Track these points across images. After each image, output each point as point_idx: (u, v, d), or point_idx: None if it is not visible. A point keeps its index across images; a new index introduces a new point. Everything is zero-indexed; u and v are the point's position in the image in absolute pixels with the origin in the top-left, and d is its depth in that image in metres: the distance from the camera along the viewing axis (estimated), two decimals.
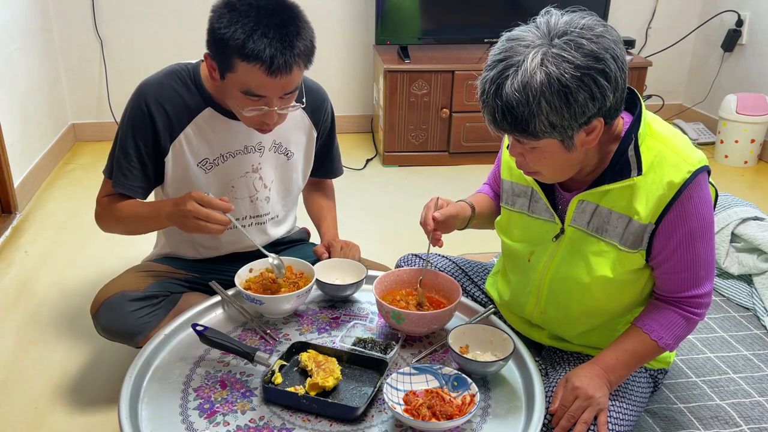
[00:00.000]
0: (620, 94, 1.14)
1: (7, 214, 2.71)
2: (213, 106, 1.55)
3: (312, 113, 1.69)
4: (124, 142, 1.54)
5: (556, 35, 1.10)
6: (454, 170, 3.43)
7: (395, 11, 3.37)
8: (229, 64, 1.36)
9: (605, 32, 1.11)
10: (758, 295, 2.02)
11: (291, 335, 1.43)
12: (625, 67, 1.14)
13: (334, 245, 1.71)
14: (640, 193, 1.23)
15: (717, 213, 2.21)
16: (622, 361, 1.30)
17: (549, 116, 1.10)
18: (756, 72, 3.62)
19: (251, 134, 1.59)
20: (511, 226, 1.46)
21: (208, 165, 1.59)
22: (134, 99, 1.54)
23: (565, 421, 1.26)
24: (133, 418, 1.17)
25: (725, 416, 1.55)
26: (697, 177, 1.20)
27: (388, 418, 1.19)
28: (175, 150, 1.56)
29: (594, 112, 1.12)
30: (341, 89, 3.79)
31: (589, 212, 1.30)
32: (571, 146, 1.17)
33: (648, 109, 1.28)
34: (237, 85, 1.38)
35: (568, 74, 1.07)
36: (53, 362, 1.91)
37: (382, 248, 2.29)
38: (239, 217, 1.67)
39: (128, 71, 3.58)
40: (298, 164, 1.73)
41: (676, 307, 1.30)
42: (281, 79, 1.35)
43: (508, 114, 1.11)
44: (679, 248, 1.24)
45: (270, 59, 1.32)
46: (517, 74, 1.09)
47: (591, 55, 1.08)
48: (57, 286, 2.29)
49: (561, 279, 1.36)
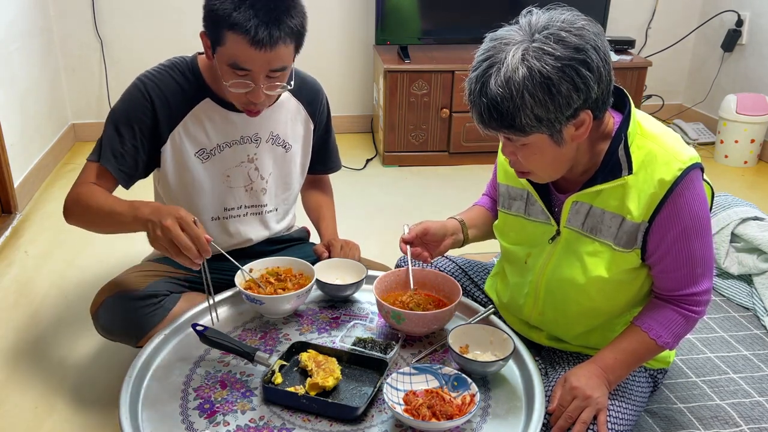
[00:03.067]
0: (605, 86, 1.15)
1: (7, 214, 2.71)
2: (211, 96, 1.56)
3: (308, 105, 1.71)
4: (119, 125, 1.53)
5: (537, 31, 1.12)
6: (454, 170, 3.43)
7: (395, 11, 3.37)
8: (219, 36, 1.39)
9: (586, 25, 1.13)
10: (758, 295, 2.02)
11: (291, 335, 1.43)
12: (609, 59, 1.15)
13: (333, 244, 1.71)
14: (632, 192, 1.23)
15: (717, 213, 2.21)
16: (621, 360, 1.30)
17: (534, 109, 1.11)
18: (756, 72, 3.62)
19: (248, 125, 1.60)
20: (507, 229, 1.47)
21: (205, 155, 1.60)
22: (134, 88, 1.55)
23: (562, 421, 1.26)
24: (133, 418, 1.17)
25: (725, 416, 1.55)
26: (688, 174, 1.21)
27: (388, 418, 1.19)
28: (174, 140, 1.57)
29: (579, 103, 1.13)
30: (341, 89, 3.79)
31: (583, 213, 1.30)
32: (561, 141, 1.18)
33: (648, 109, 1.29)
34: (225, 58, 1.41)
35: (549, 66, 1.09)
36: (53, 362, 1.91)
37: (382, 248, 2.29)
38: (234, 207, 1.68)
39: (128, 71, 3.55)
40: (296, 157, 1.73)
41: (675, 306, 1.30)
42: (265, 53, 1.37)
43: (494, 110, 1.13)
44: (674, 246, 1.24)
45: (254, 29, 1.34)
46: (500, 71, 1.11)
47: (571, 46, 1.10)
48: (57, 286, 2.29)
49: (557, 280, 1.36)
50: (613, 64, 1.18)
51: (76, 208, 1.51)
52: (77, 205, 1.50)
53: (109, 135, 1.54)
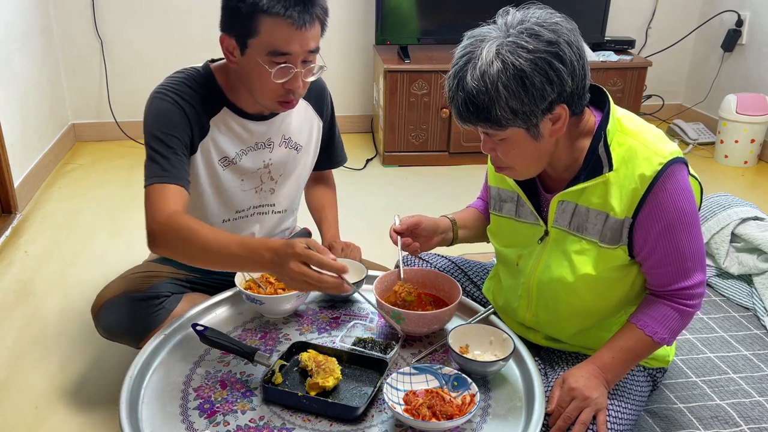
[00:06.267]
0: (579, 80, 1.18)
1: (7, 214, 2.72)
2: (227, 105, 1.55)
3: (316, 103, 1.71)
4: (165, 137, 1.45)
5: (512, 26, 1.16)
6: (454, 170, 3.43)
7: (395, 11, 3.37)
8: (251, 27, 1.37)
9: (560, 21, 1.18)
10: (758, 295, 2.02)
11: (291, 335, 1.43)
12: (583, 54, 1.18)
13: (335, 247, 1.71)
14: (614, 188, 1.24)
15: (717, 213, 2.21)
16: (618, 359, 1.30)
17: (508, 101, 1.14)
18: (756, 72, 3.62)
19: (262, 131, 1.60)
20: (499, 232, 1.49)
21: (227, 162, 1.59)
22: (160, 101, 1.48)
23: (561, 422, 1.26)
24: (133, 418, 1.17)
25: (725, 416, 1.55)
26: (669, 168, 1.21)
27: (388, 418, 1.19)
28: (203, 149, 1.55)
29: (554, 96, 1.16)
30: (341, 89, 3.79)
31: (570, 212, 1.31)
32: (538, 135, 1.20)
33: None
34: (262, 48, 1.39)
35: (522, 59, 1.13)
36: (53, 362, 1.91)
37: (382, 248, 2.28)
38: (245, 208, 1.68)
39: (128, 71, 3.58)
40: (306, 156, 1.74)
41: (669, 301, 1.30)
42: (306, 31, 1.37)
43: (470, 103, 1.17)
44: (661, 241, 1.24)
45: (291, 9, 1.35)
46: (476, 66, 1.15)
47: (544, 40, 1.14)
48: (57, 286, 2.29)
49: (547, 281, 1.37)
50: (588, 61, 1.21)
51: (175, 242, 1.35)
52: (177, 239, 1.34)
53: (158, 149, 1.44)
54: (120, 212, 2.83)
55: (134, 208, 2.87)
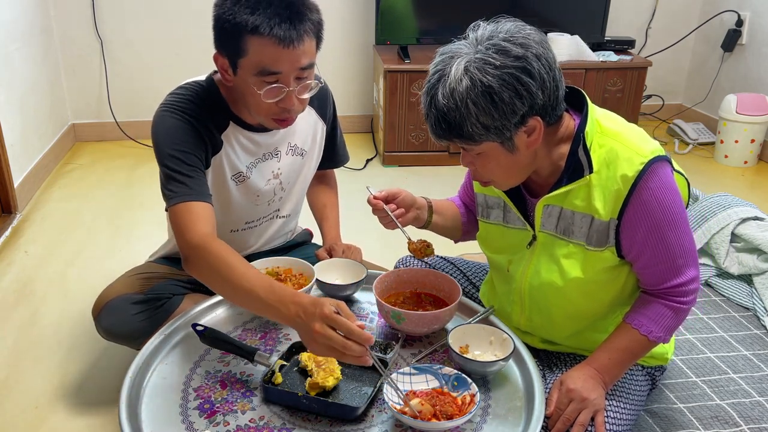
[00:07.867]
0: (551, 92, 1.17)
1: (7, 214, 2.72)
2: (233, 119, 1.53)
3: (319, 107, 1.70)
4: (183, 155, 1.42)
5: (481, 42, 1.16)
6: (454, 170, 3.43)
7: (395, 11, 3.38)
8: (240, 47, 1.34)
9: (528, 35, 1.17)
10: (758, 295, 2.02)
11: (291, 335, 1.43)
12: (553, 65, 1.17)
13: (336, 249, 1.71)
14: (596, 190, 1.24)
15: (717, 213, 2.21)
16: (615, 359, 1.30)
17: (479, 117, 1.15)
18: (756, 72, 3.62)
19: (269, 142, 1.59)
20: (489, 238, 1.49)
21: (241, 178, 1.58)
22: (170, 118, 1.44)
23: (560, 424, 1.26)
24: (133, 418, 1.17)
25: (725, 416, 1.55)
26: (651, 167, 1.21)
27: (388, 418, 1.19)
28: (215, 164, 1.53)
29: (525, 110, 1.16)
30: (341, 89, 3.79)
31: (555, 216, 1.31)
32: (513, 148, 1.21)
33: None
34: (251, 68, 1.35)
35: (490, 75, 1.13)
36: (53, 362, 1.91)
37: (382, 248, 2.29)
38: (254, 219, 1.67)
39: (128, 71, 3.59)
40: (310, 161, 1.73)
41: (662, 299, 1.30)
42: (293, 50, 1.33)
43: (443, 121, 1.18)
44: (649, 241, 1.24)
45: (278, 28, 1.31)
46: (446, 84, 1.16)
47: (512, 55, 1.13)
48: (57, 286, 2.29)
49: (538, 286, 1.37)
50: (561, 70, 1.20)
51: (208, 272, 1.32)
52: (208, 269, 1.31)
53: (182, 171, 1.40)
54: (120, 212, 2.83)
55: (134, 208, 2.88)
